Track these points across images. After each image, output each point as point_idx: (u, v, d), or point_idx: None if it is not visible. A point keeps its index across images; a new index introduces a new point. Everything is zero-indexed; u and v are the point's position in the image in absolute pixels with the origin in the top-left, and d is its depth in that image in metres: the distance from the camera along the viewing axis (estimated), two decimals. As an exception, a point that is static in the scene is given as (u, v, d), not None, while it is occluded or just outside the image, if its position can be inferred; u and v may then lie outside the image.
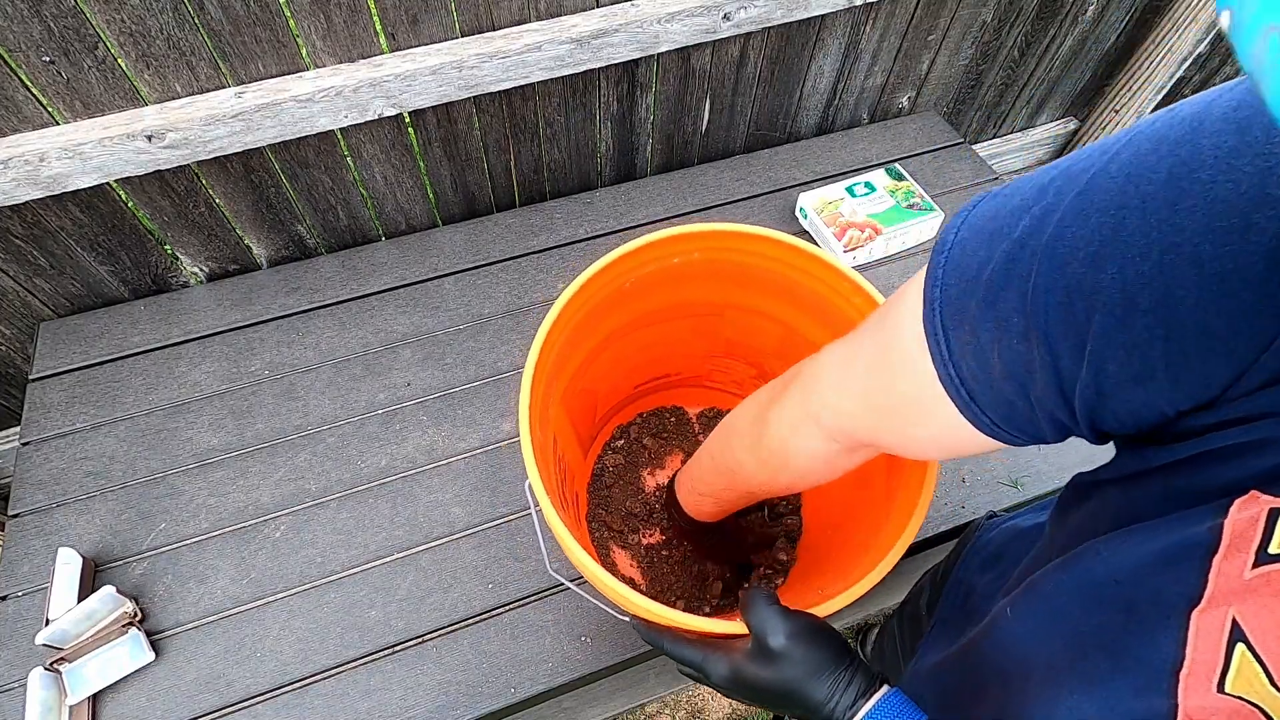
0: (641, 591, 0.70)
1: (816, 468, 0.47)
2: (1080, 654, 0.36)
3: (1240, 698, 0.29)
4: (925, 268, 0.35)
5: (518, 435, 0.90)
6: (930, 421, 0.36)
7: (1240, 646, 0.28)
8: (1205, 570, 0.29)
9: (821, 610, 0.46)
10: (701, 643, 0.46)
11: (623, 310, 0.67)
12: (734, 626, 0.45)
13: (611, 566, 0.79)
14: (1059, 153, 1.70)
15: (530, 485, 0.52)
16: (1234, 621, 0.28)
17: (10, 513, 0.84)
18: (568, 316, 0.57)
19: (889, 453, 0.43)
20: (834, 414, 0.43)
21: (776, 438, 0.47)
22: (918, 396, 0.35)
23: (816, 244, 1.11)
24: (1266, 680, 0.28)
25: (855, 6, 1.08)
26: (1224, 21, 0.18)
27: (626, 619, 0.53)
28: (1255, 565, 0.27)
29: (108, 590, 0.72)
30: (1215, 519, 0.28)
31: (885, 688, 0.41)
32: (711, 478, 0.58)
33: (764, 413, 0.49)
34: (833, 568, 0.61)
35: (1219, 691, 0.30)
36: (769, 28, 1.05)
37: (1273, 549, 0.27)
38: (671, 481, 0.71)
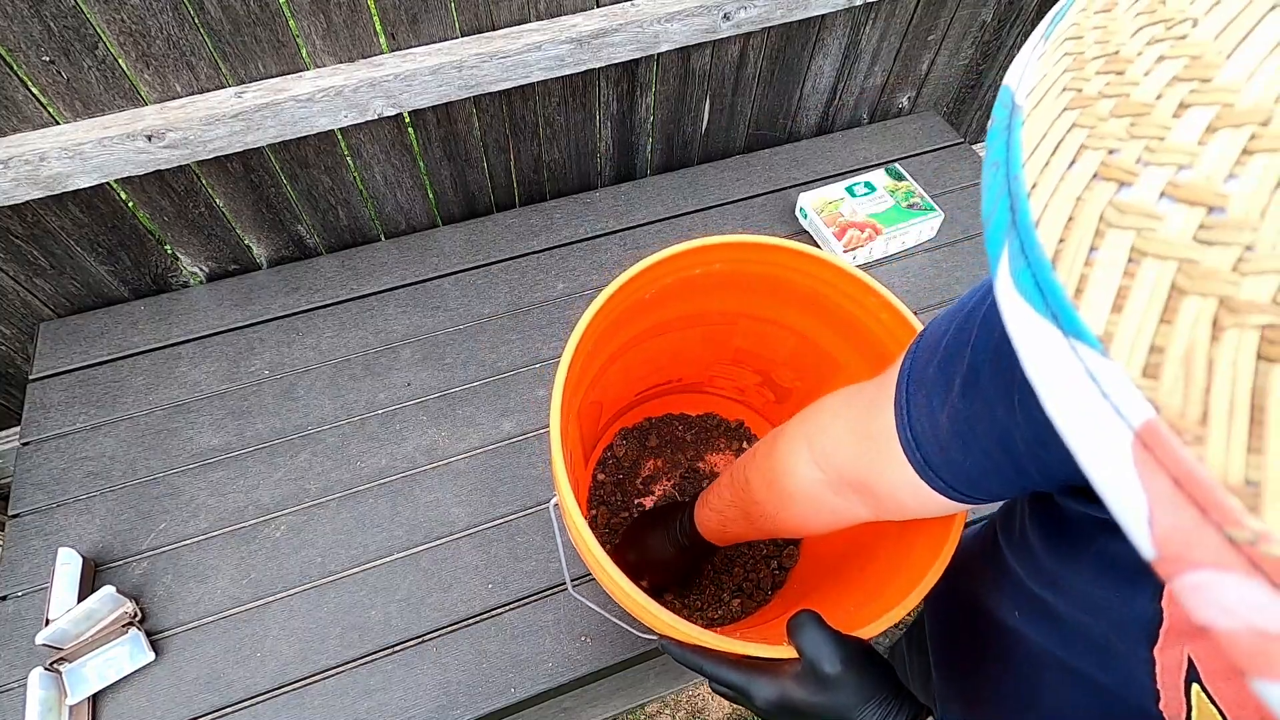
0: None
1: (801, 497, 0.47)
2: (1087, 670, 0.37)
3: None
4: None
5: (517, 435, 0.91)
6: (899, 469, 0.37)
7: (1195, 687, 0.29)
8: (1158, 609, 0.29)
9: (868, 631, 0.45)
10: (745, 665, 0.46)
11: (640, 321, 0.67)
12: (780, 650, 0.45)
13: None
14: (1059, 153, 1.70)
15: (561, 508, 0.51)
16: (1189, 661, 0.28)
17: (10, 513, 0.84)
18: (592, 330, 0.57)
19: (868, 502, 0.43)
20: (824, 437, 0.44)
21: (777, 455, 0.49)
22: (893, 437, 0.37)
23: (818, 244, 1.11)
24: None
25: (855, 6, 1.08)
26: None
27: (651, 637, 0.52)
28: None
29: (108, 590, 0.72)
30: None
31: (930, 719, 0.41)
32: (725, 492, 0.59)
33: (777, 434, 0.50)
34: (861, 584, 0.60)
35: None
36: (769, 28, 1.05)
37: None
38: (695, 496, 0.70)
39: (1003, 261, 0.17)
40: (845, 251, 1.07)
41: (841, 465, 0.43)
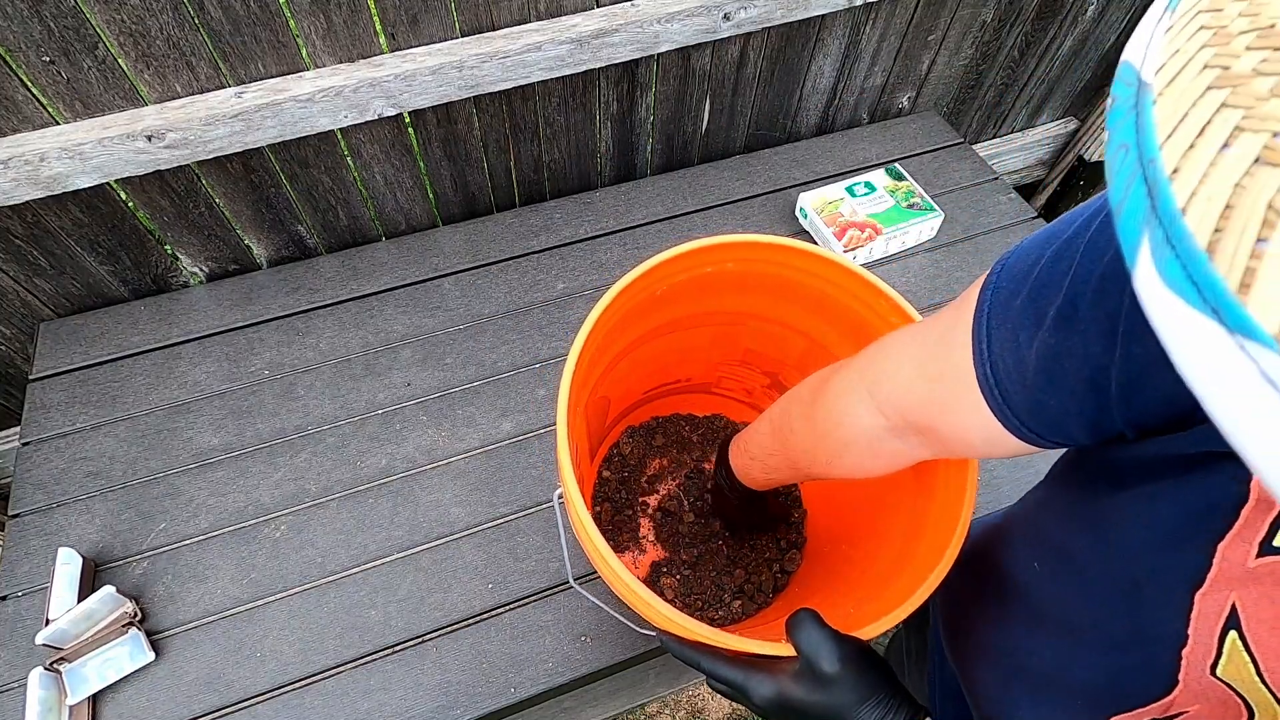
0: None
1: (859, 445, 0.46)
2: (1100, 618, 0.37)
3: (1229, 685, 0.29)
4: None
5: (517, 435, 0.91)
6: (973, 410, 0.36)
7: (1232, 634, 0.28)
8: (1210, 554, 0.29)
9: (868, 631, 0.45)
10: (743, 663, 0.45)
11: (651, 317, 0.67)
12: (778, 648, 0.44)
13: None
14: (1059, 153, 1.70)
15: (565, 499, 0.50)
16: (1233, 607, 0.28)
17: (10, 513, 0.84)
18: (604, 322, 0.57)
19: (932, 444, 0.42)
20: (889, 382, 0.42)
21: (831, 402, 0.47)
22: (967, 375, 0.35)
23: (816, 244, 1.11)
24: (1254, 671, 0.28)
25: (855, 6, 1.08)
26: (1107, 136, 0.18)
27: (650, 633, 0.51)
28: (1260, 555, 0.27)
29: (108, 590, 0.72)
30: (1225, 502, 0.28)
31: (929, 719, 0.41)
32: (767, 441, 0.57)
33: (828, 378, 0.48)
34: (863, 586, 0.60)
35: (1212, 675, 0.30)
36: (769, 28, 1.05)
37: (1278, 542, 0.27)
38: (725, 442, 0.69)
39: (1143, 252, 0.16)
40: (845, 251, 1.07)
41: (908, 410, 0.41)
